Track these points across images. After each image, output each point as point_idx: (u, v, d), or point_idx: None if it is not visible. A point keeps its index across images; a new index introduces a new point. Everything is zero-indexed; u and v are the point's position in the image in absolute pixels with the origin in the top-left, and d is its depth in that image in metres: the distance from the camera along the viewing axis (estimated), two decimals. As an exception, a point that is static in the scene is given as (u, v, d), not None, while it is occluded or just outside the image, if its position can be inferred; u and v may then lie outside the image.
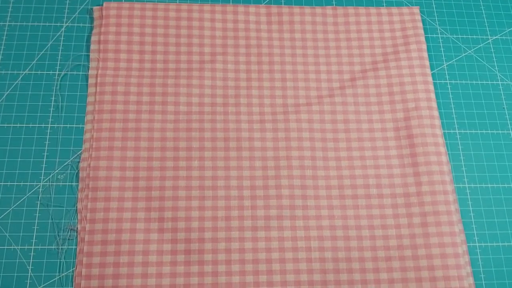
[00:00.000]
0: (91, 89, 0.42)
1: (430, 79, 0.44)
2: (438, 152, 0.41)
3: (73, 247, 0.38)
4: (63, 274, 0.37)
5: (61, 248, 0.38)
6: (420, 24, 0.47)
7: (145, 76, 0.43)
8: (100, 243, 0.37)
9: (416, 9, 0.47)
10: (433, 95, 0.44)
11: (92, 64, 0.43)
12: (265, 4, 0.47)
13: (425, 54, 0.45)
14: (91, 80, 0.43)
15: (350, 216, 0.40)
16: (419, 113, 0.42)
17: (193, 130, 0.41)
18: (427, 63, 0.45)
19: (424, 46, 0.46)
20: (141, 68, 0.43)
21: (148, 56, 0.44)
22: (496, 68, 0.47)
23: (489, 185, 0.42)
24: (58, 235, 0.38)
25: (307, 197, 0.40)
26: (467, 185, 0.42)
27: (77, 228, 0.38)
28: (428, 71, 0.45)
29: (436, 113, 0.43)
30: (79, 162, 0.40)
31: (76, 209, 0.39)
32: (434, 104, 0.43)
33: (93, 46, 0.44)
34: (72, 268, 0.38)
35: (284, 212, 0.39)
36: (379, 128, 0.43)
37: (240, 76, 0.44)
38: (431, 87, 0.44)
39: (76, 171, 0.40)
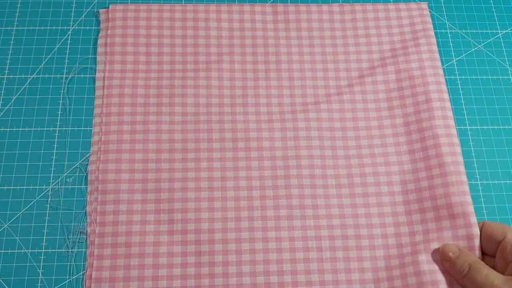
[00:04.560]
0: (98, 92, 0.42)
1: (440, 71, 0.44)
2: (451, 143, 0.40)
3: (83, 250, 0.38)
4: (73, 277, 0.37)
5: (71, 251, 0.38)
6: (428, 19, 0.46)
7: (152, 78, 0.43)
8: (110, 246, 0.37)
9: (424, 5, 0.47)
10: (444, 87, 0.43)
11: (99, 67, 0.43)
12: (271, 3, 0.47)
13: (435, 48, 0.45)
14: (98, 83, 0.43)
15: (361, 215, 0.39)
16: (430, 106, 0.42)
17: (201, 131, 0.41)
18: (437, 56, 0.44)
19: (434, 40, 0.45)
20: (148, 70, 0.43)
21: (154, 57, 0.44)
22: (507, 63, 0.46)
23: (501, 182, 0.42)
24: (67, 238, 0.39)
25: (317, 196, 0.40)
26: (479, 182, 0.42)
27: (86, 231, 0.38)
28: (439, 64, 0.44)
29: (448, 104, 0.42)
30: (87, 165, 0.40)
31: (85, 212, 0.39)
32: (446, 96, 0.42)
33: (99, 49, 0.44)
34: (83, 271, 0.38)
35: (294, 212, 0.39)
36: (388, 124, 0.42)
37: (247, 76, 0.44)
38: (442, 79, 0.43)
39: (85, 174, 0.40)
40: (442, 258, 0.36)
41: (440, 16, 0.48)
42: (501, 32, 0.47)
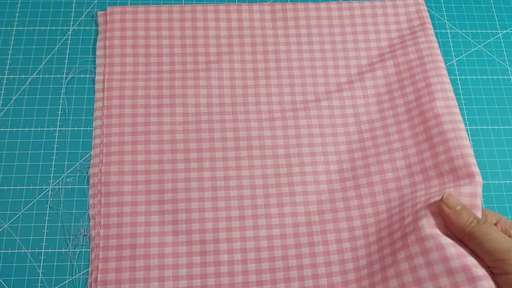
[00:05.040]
0: (98, 95, 0.42)
1: (440, 58, 0.44)
2: (453, 120, 0.40)
3: (83, 250, 0.38)
4: (73, 277, 0.38)
5: (72, 252, 0.38)
6: (426, 14, 0.46)
7: (152, 79, 0.43)
8: (115, 248, 0.37)
9: (421, 0, 0.47)
10: (444, 71, 0.43)
11: (99, 69, 0.43)
12: (269, 2, 0.47)
13: (433, 38, 0.45)
14: (98, 86, 0.43)
15: (367, 205, 0.39)
16: (430, 89, 0.41)
17: (203, 131, 0.41)
18: (435, 45, 0.44)
19: (432, 32, 0.45)
20: (147, 71, 0.43)
21: (154, 59, 0.43)
22: (507, 63, 0.46)
23: (501, 182, 0.42)
24: (68, 238, 0.39)
25: (321, 192, 0.40)
26: (479, 182, 0.42)
27: (90, 234, 0.38)
28: (438, 51, 0.44)
29: (449, 86, 0.42)
30: (88, 168, 0.40)
31: (88, 215, 0.39)
32: (447, 79, 0.42)
33: (99, 52, 0.44)
34: (83, 271, 0.38)
35: (299, 209, 0.39)
36: (391, 114, 0.42)
37: (247, 75, 0.44)
38: (442, 64, 0.43)
39: (85, 175, 0.40)
40: (445, 206, 0.33)
41: (440, 16, 0.48)
42: (501, 32, 0.47)
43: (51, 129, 0.42)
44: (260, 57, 0.44)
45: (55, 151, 0.41)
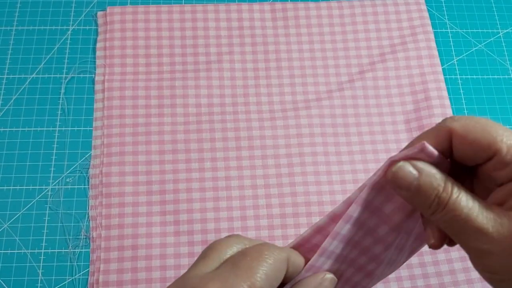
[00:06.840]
0: (98, 95, 0.42)
1: (439, 69, 0.44)
2: None
3: (83, 250, 0.38)
4: (73, 277, 0.37)
5: (72, 252, 0.38)
6: (426, 14, 0.46)
7: (153, 80, 0.43)
8: (116, 249, 0.37)
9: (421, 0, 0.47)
10: (443, 84, 0.43)
11: (99, 70, 0.43)
12: (269, 1, 0.47)
13: (433, 44, 0.45)
14: (98, 87, 0.43)
15: None
16: (429, 103, 0.42)
17: (204, 131, 0.41)
18: (435, 52, 0.45)
19: (432, 36, 0.46)
20: (148, 72, 0.43)
21: (154, 59, 0.43)
22: (508, 62, 0.46)
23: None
24: (68, 238, 0.38)
25: (322, 193, 0.40)
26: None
27: (92, 235, 0.38)
28: (437, 61, 0.45)
29: (447, 102, 0.43)
30: (88, 168, 0.40)
31: (88, 216, 0.39)
32: (445, 93, 0.43)
33: (98, 53, 0.44)
34: (83, 271, 0.37)
35: (300, 209, 0.39)
36: (389, 121, 0.42)
37: (247, 75, 0.44)
38: (441, 76, 0.44)
39: (86, 175, 0.40)
40: (394, 186, 0.22)
41: (440, 15, 0.48)
42: (501, 32, 0.47)
43: (51, 129, 0.42)
44: (260, 57, 0.44)
45: (54, 151, 0.41)
